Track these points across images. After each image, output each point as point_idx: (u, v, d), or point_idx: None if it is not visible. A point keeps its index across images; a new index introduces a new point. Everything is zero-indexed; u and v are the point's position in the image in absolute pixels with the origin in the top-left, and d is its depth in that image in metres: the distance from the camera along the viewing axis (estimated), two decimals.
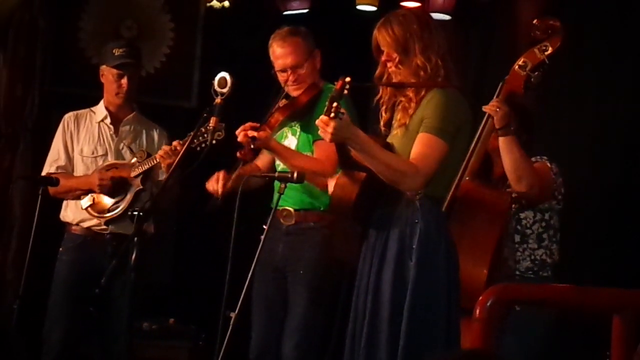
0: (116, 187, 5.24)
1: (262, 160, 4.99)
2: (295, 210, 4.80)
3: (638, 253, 5.34)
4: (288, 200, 4.74)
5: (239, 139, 4.61)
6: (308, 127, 4.81)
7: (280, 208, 4.77)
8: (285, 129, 4.90)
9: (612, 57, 5.70)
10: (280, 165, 4.89)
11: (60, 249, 5.36)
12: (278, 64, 4.80)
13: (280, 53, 4.79)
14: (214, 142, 4.51)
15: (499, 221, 4.45)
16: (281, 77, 4.82)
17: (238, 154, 4.65)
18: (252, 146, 4.61)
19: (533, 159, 4.71)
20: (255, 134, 4.59)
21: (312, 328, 4.75)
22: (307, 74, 4.81)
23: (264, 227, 4.80)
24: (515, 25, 6.00)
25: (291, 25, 4.89)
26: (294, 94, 4.81)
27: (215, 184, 4.74)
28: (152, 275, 5.29)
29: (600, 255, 5.61)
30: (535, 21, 4.46)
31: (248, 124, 4.63)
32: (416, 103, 3.95)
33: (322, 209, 4.78)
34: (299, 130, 4.87)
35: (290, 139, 4.89)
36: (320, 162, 4.68)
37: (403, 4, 6.01)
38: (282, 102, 4.82)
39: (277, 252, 4.79)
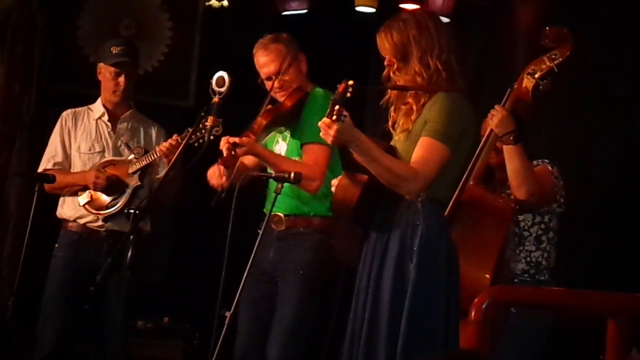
0: (112, 186, 5.25)
1: (249, 158, 4.98)
2: (285, 215, 4.79)
3: (633, 257, 5.35)
4: (278, 206, 4.69)
5: (221, 147, 4.59)
6: (295, 132, 4.81)
7: (272, 214, 4.78)
8: (277, 134, 4.90)
9: (610, 60, 5.71)
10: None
11: (56, 245, 5.36)
12: (263, 72, 4.81)
13: (263, 61, 4.79)
14: (211, 138, 4.52)
15: (503, 226, 4.46)
16: (267, 85, 4.82)
17: (219, 161, 4.64)
18: (232, 153, 4.59)
19: (534, 162, 4.72)
20: (236, 139, 4.58)
21: (299, 330, 4.73)
22: (292, 79, 4.79)
23: (259, 231, 4.81)
24: (514, 28, 6.01)
25: (274, 32, 4.88)
26: (281, 99, 4.81)
27: (219, 178, 4.71)
28: (147, 273, 5.28)
29: (595, 259, 5.62)
30: (545, 29, 4.47)
31: (228, 137, 4.61)
32: (417, 109, 3.94)
33: (311, 213, 4.78)
34: (288, 135, 4.87)
35: (281, 144, 4.89)
36: (308, 167, 4.67)
37: (402, 5, 6.01)
38: (268, 107, 4.81)
39: (267, 257, 4.76)
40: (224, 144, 4.58)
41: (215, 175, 4.71)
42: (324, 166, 4.66)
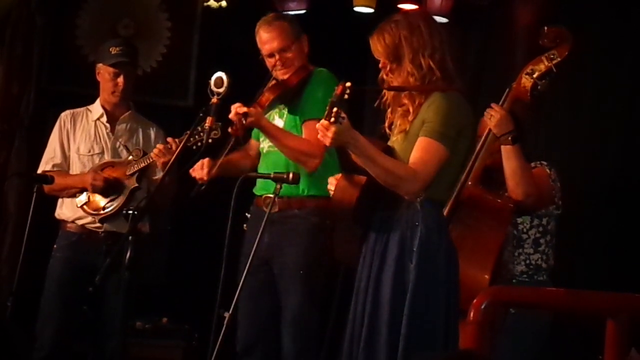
0: (110, 187, 5.25)
1: (252, 146, 4.98)
2: (277, 197, 4.72)
3: (632, 257, 5.35)
4: (270, 188, 4.64)
5: (231, 116, 4.60)
6: (296, 109, 4.81)
7: (263, 196, 4.78)
8: (273, 112, 4.89)
9: (609, 61, 5.71)
10: (264, 149, 4.89)
11: (55, 246, 5.36)
12: (265, 48, 4.81)
13: (266, 38, 4.80)
14: (210, 141, 4.52)
15: (502, 227, 4.47)
16: (269, 62, 4.82)
17: (229, 130, 4.64)
18: (243, 122, 4.59)
19: (532, 164, 4.72)
20: (246, 109, 4.58)
21: (307, 319, 4.74)
22: (295, 57, 4.81)
23: (247, 215, 4.82)
24: (512, 28, 6.00)
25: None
26: (283, 77, 4.81)
27: (200, 170, 4.72)
28: (146, 274, 5.27)
29: (594, 259, 5.61)
30: (544, 29, 4.46)
31: (238, 103, 4.62)
32: (414, 110, 3.94)
33: (305, 193, 4.77)
34: (286, 112, 4.86)
35: (277, 122, 4.88)
36: (309, 143, 4.66)
37: (400, 6, 6.01)
38: (273, 82, 4.81)
39: (262, 242, 4.61)
40: (233, 114, 4.58)
41: (198, 167, 4.71)
42: (324, 144, 4.65)
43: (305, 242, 4.74)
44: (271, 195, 4.64)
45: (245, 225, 4.86)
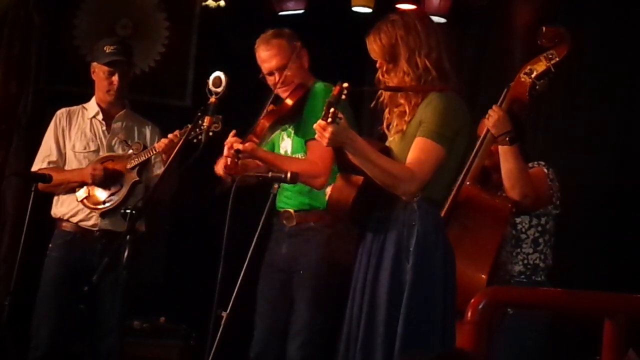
0: (110, 179, 5.26)
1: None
2: (295, 211, 4.81)
3: (630, 257, 5.34)
4: (288, 202, 4.79)
5: (225, 154, 4.60)
6: (299, 129, 4.81)
7: (282, 210, 4.80)
8: (281, 131, 4.90)
9: (608, 62, 5.70)
10: None
11: (50, 245, 5.35)
12: (265, 67, 4.82)
13: (265, 56, 4.80)
14: (210, 134, 4.50)
15: (500, 227, 4.46)
16: (270, 80, 4.83)
17: (225, 169, 4.63)
18: (237, 160, 4.60)
19: (530, 165, 4.72)
20: (240, 146, 4.58)
21: (315, 328, 4.74)
22: (294, 75, 4.80)
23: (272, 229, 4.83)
24: (511, 28, 6.00)
25: (276, 28, 4.89)
26: (283, 95, 4.81)
27: (222, 167, 4.72)
28: (143, 273, 5.27)
29: (592, 259, 5.61)
30: (542, 29, 4.46)
31: (232, 139, 4.61)
32: (410, 111, 3.94)
33: (321, 208, 4.77)
34: (292, 131, 4.87)
35: (286, 141, 4.90)
36: (313, 164, 4.67)
37: (398, 6, 6.01)
38: (270, 107, 4.80)
39: (280, 254, 4.81)
40: (227, 153, 4.58)
41: (221, 164, 4.71)
42: (329, 161, 4.63)
43: (320, 252, 4.76)
44: (290, 210, 4.79)
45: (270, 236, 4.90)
